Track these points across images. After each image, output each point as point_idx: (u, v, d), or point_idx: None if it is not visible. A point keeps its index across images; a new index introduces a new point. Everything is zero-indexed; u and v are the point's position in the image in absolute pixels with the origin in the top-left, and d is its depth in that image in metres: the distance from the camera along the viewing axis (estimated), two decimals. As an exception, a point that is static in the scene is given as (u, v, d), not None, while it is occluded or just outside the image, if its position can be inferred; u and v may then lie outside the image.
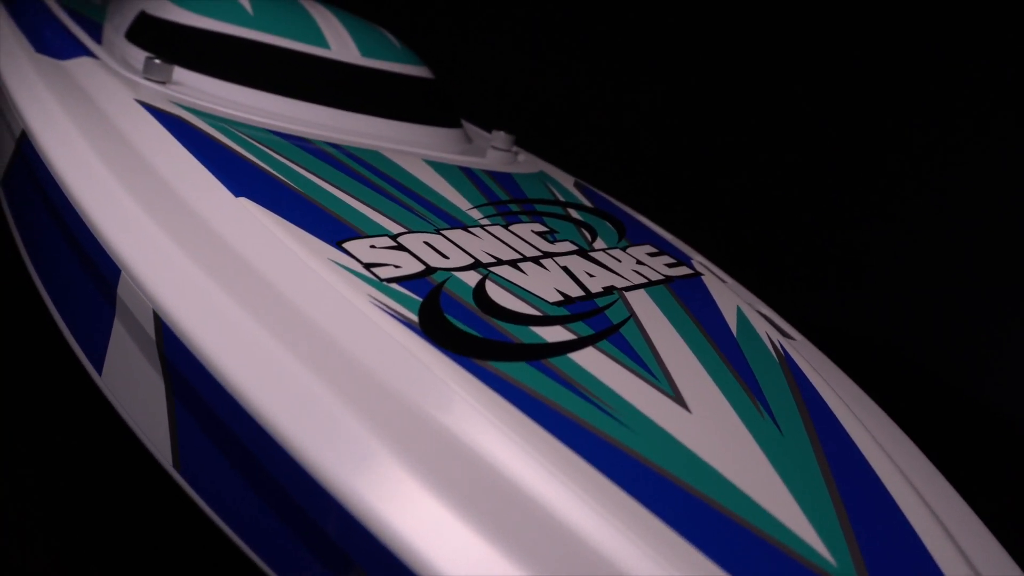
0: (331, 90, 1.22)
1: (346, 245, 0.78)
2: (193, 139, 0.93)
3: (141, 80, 1.12)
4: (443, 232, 0.89)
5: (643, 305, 0.88)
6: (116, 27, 1.42)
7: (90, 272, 0.81)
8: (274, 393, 0.62)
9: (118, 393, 0.77)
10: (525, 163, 1.34)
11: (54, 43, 1.23)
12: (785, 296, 1.46)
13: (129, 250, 0.75)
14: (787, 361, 0.87)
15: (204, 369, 0.65)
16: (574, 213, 1.12)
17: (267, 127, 1.06)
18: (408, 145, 1.18)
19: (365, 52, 1.30)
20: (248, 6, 1.29)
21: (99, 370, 0.80)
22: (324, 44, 1.27)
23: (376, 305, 0.70)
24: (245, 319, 0.67)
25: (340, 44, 1.28)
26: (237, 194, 0.82)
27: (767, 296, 1.11)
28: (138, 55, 1.26)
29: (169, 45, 1.25)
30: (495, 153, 1.35)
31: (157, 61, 1.12)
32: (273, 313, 0.68)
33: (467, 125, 1.52)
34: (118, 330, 0.76)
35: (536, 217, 1.04)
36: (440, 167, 1.12)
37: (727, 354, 0.83)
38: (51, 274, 0.92)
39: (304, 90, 1.19)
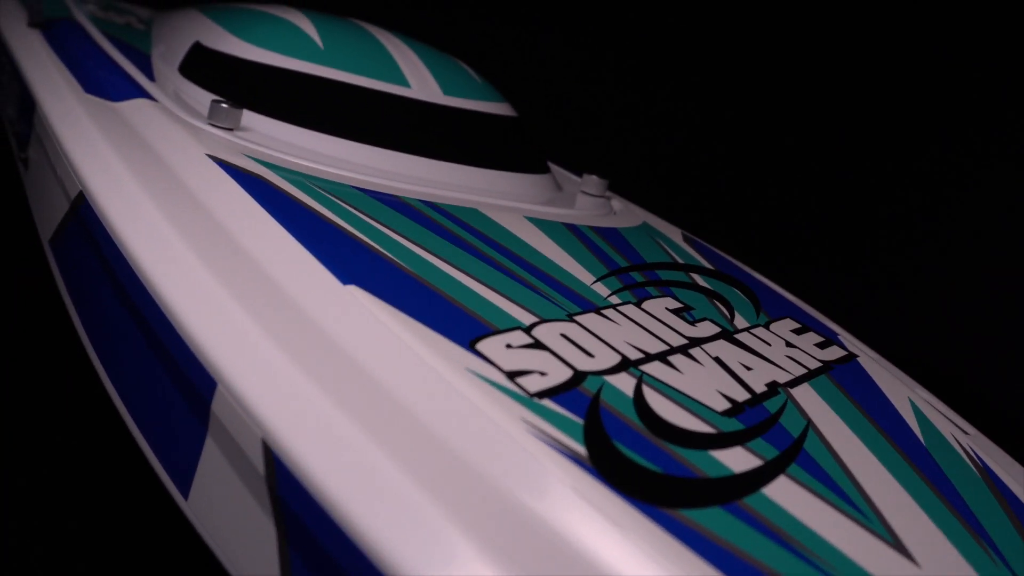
0: (415, 135, 1.09)
1: (480, 347, 0.66)
2: (279, 205, 0.80)
3: (206, 127, 0.99)
4: (576, 318, 0.76)
5: (814, 405, 0.75)
6: (166, 58, 1.30)
7: (173, 375, 0.68)
8: (423, 556, 0.49)
9: (211, 526, 0.64)
10: (624, 212, 1.21)
11: (104, 82, 1.10)
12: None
13: (227, 360, 0.62)
14: (989, 475, 0.74)
15: (333, 522, 0.53)
16: (699, 279, 0.99)
17: (353, 183, 0.93)
18: (502, 197, 1.05)
19: (447, 90, 1.17)
20: (318, 39, 1.16)
21: (184, 493, 0.67)
22: (403, 82, 1.14)
23: (534, 434, 0.57)
24: (380, 456, 0.55)
25: (420, 81, 1.16)
26: (344, 281, 0.69)
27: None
28: (195, 93, 1.14)
29: (230, 82, 1.13)
30: (587, 200, 1.22)
31: (224, 105, 1.00)
32: (413, 448, 0.55)
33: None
34: (211, 452, 0.64)
35: (664, 288, 0.91)
36: (543, 224, 0.99)
37: (926, 472, 0.70)
38: (118, 362, 0.80)
39: (386, 136, 1.06)
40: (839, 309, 1.43)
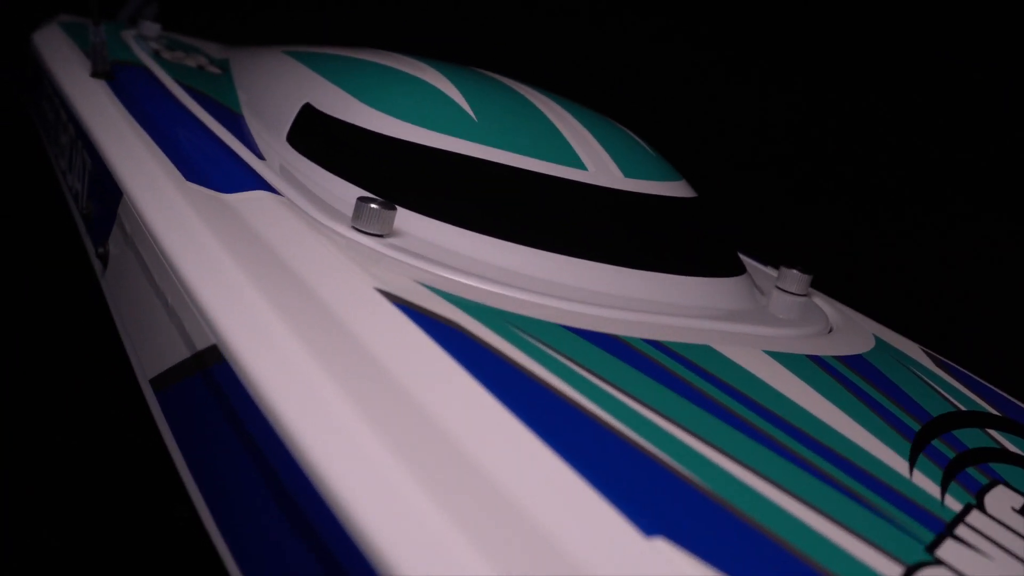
0: (604, 236, 0.86)
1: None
2: (497, 376, 0.58)
3: (351, 233, 0.77)
4: (939, 555, 0.54)
5: None
6: (263, 119, 1.08)
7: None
8: None
9: None
10: (845, 323, 0.97)
11: (210, 168, 0.88)
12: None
13: None
14: None
15: None
16: (1002, 440, 0.76)
17: (558, 319, 0.70)
18: (722, 319, 0.83)
19: (627, 170, 0.94)
20: (467, 106, 0.94)
21: None
22: (578, 163, 0.91)
23: None
24: None
25: (596, 161, 0.93)
26: (648, 531, 0.47)
27: None
28: (314, 174, 0.92)
29: (365, 165, 0.90)
30: (787, 301, 0.99)
31: (374, 206, 0.78)
32: None
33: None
34: None
35: (985, 468, 0.69)
36: (788, 362, 0.77)
37: None
38: (262, 563, 0.58)
39: (573, 240, 0.83)
40: None
